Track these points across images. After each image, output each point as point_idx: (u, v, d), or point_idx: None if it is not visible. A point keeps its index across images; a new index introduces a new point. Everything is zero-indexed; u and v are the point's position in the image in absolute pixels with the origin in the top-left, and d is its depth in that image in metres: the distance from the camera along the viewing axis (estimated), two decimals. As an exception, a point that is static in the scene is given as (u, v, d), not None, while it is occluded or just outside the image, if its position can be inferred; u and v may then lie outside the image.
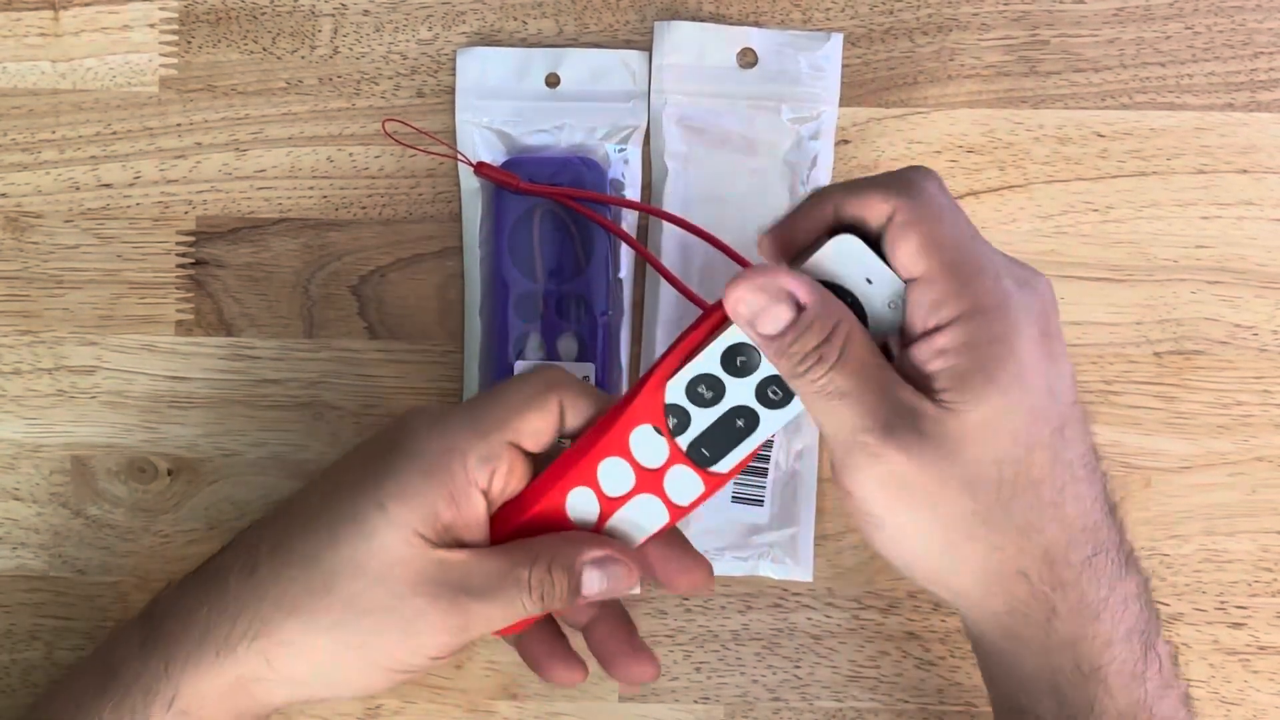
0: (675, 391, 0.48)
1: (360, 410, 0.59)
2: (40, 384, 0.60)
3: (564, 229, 0.58)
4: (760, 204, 0.59)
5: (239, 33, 0.60)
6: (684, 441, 0.48)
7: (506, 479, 0.49)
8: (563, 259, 0.58)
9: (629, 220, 0.59)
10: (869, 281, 0.46)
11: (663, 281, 0.58)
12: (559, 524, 0.50)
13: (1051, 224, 0.59)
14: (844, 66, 0.59)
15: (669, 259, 0.59)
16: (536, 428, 0.49)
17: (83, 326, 0.60)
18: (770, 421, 0.48)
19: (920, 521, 0.45)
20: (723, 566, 0.59)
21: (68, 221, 0.60)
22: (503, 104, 0.59)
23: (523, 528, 0.50)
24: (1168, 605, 0.59)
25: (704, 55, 0.59)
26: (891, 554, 0.47)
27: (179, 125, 0.60)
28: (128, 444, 0.60)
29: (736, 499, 0.58)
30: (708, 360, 0.47)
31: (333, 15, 0.60)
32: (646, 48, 0.59)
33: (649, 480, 0.49)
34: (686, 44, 0.59)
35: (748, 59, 0.59)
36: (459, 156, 0.59)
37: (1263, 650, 0.59)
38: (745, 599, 0.59)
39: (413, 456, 0.48)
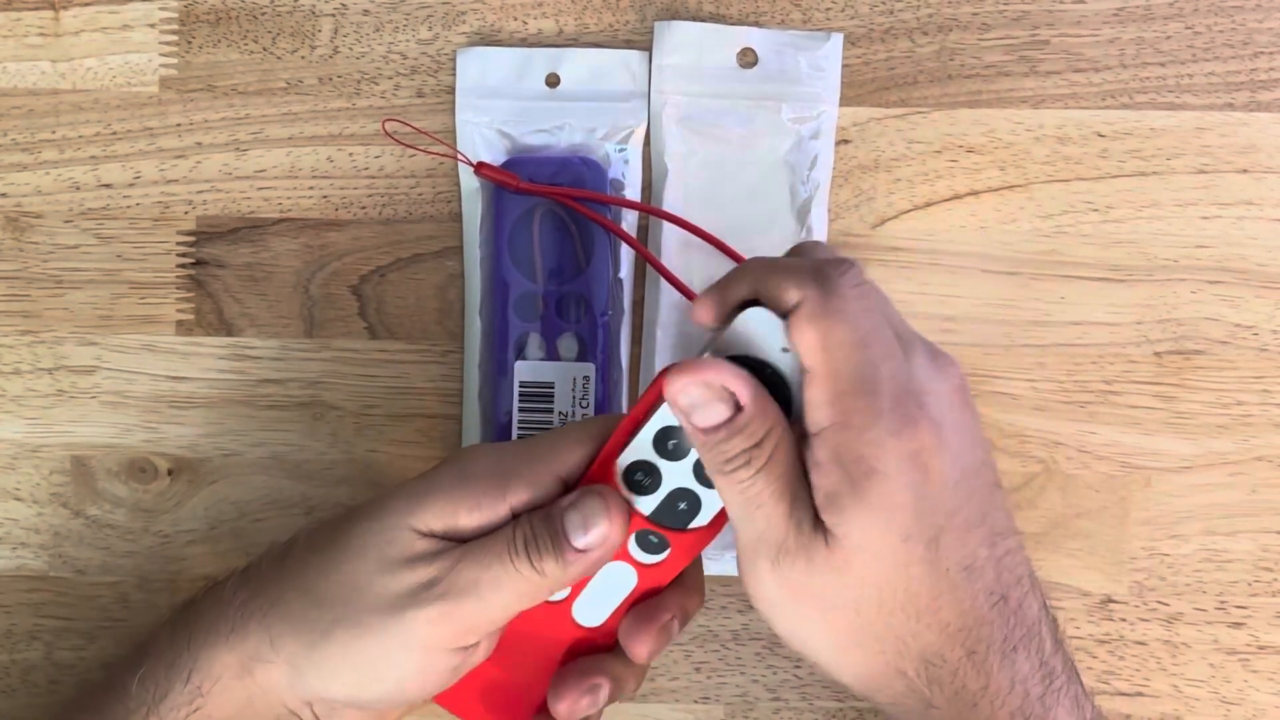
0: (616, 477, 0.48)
1: (360, 410, 0.59)
2: (40, 384, 0.60)
3: (564, 229, 0.58)
4: (760, 204, 0.59)
5: (239, 33, 0.60)
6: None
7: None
8: (563, 259, 0.58)
9: (629, 220, 0.59)
10: (785, 350, 0.46)
11: (663, 281, 0.58)
12: (537, 612, 0.49)
13: (1052, 224, 0.59)
14: (844, 66, 0.59)
15: (669, 259, 0.59)
16: (582, 466, 0.49)
17: (83, 326, 0.60)
18: (714, 500, 0.48)
19: (809, 625, 0.47)
20: (723, 566, 0.59)
21: (68, 221, 0.60)
22: (503, 104, 0.59)
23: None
24: (1168, 605, 0.59)
25: (704, 55, 0.59)
26: (787, 641, 0.48)
27: (179, 125, 0.60)
28: (128, 444, 0.60)
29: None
30: (641, 447, 0.48)
31: (333, 15, 0.60)
32: (647, 48, 0.59)
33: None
34: (686, 44, 0.59)
35: (748, 59, 0.59)
36: (459, 156, 0.59)
37: (1262, 650, 0.59)
38: (745, 599, 0.59)
39: (455, 464, 0.49)
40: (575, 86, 0.59)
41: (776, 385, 0.46)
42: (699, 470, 0.48)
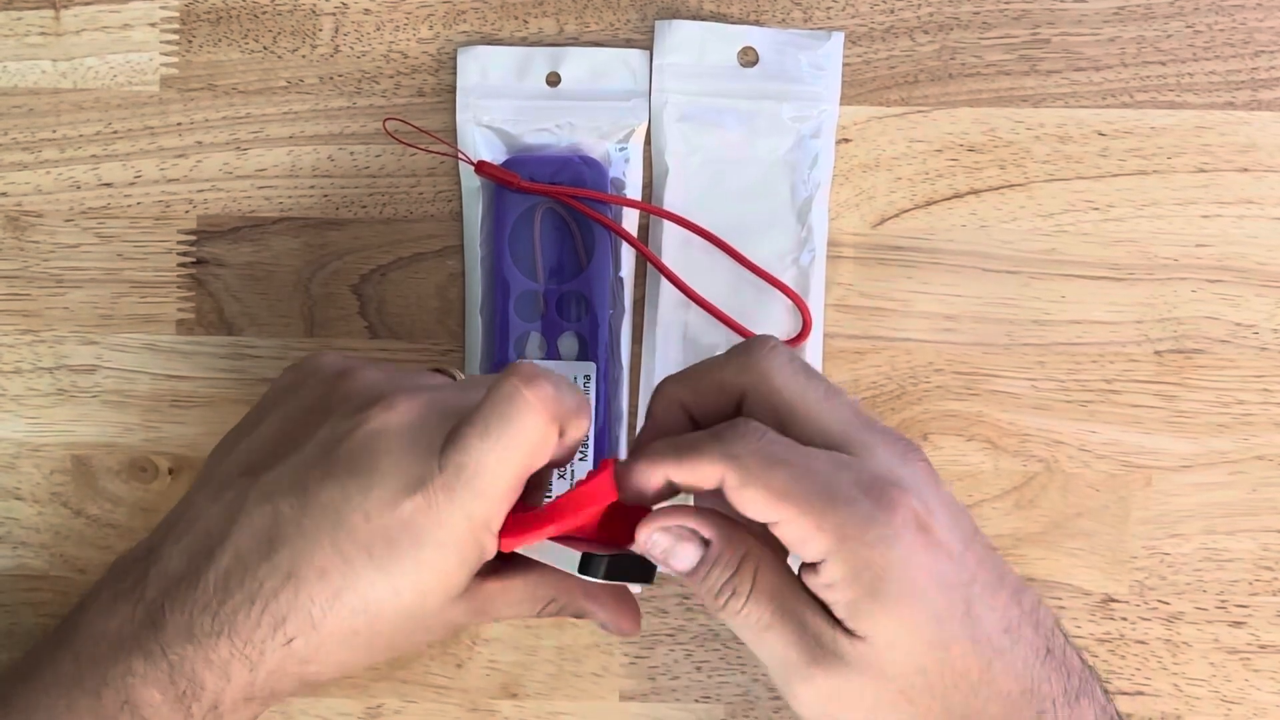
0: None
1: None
2: (41, 383, 0.60)
3: (565, 228, 0.58)
4: (761, 203, 0.59)
5: (240, 32, 0.60)
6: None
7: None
8: (564, 258, 0.58)
9: (630, 219, 0.59)
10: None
11: (664, 280, 0.58)
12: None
13: (1052, 223, 0.59)
14: (845, 65, 0.59)
15: (669, 258, 0.59)
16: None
17: (83, 326, 0.60)
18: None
19: None
20: (724, 565, 0.59)
21: (68, 220, 0.60)
22: (503, 103, 0.59)
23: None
24: (1168, 604, 0.59)
25: (705, 54, 0.59)
26: None
27: (180, 124, 0.60)
28: (128, 443, 0.60)
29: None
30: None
31: (333, 14, 0.60)
32: (647, 46, 0.59)
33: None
34: (687, 43, 0.59)
35: (748, 58, 0.59)
36: (459, 155, 0.59)
37: (1263, 649, 0.59)
38: (746, 598, 0.59)
39: (440, 545, 0.46)
40: (576, 85, 0.59)
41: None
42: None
